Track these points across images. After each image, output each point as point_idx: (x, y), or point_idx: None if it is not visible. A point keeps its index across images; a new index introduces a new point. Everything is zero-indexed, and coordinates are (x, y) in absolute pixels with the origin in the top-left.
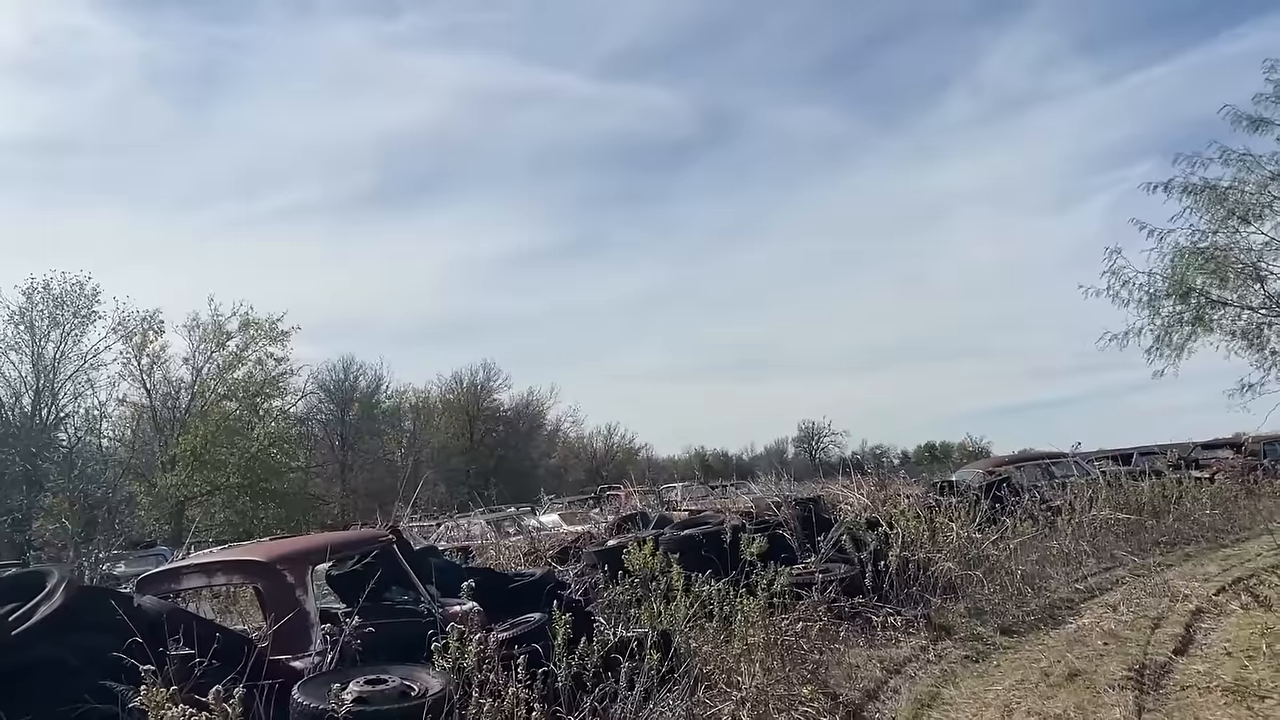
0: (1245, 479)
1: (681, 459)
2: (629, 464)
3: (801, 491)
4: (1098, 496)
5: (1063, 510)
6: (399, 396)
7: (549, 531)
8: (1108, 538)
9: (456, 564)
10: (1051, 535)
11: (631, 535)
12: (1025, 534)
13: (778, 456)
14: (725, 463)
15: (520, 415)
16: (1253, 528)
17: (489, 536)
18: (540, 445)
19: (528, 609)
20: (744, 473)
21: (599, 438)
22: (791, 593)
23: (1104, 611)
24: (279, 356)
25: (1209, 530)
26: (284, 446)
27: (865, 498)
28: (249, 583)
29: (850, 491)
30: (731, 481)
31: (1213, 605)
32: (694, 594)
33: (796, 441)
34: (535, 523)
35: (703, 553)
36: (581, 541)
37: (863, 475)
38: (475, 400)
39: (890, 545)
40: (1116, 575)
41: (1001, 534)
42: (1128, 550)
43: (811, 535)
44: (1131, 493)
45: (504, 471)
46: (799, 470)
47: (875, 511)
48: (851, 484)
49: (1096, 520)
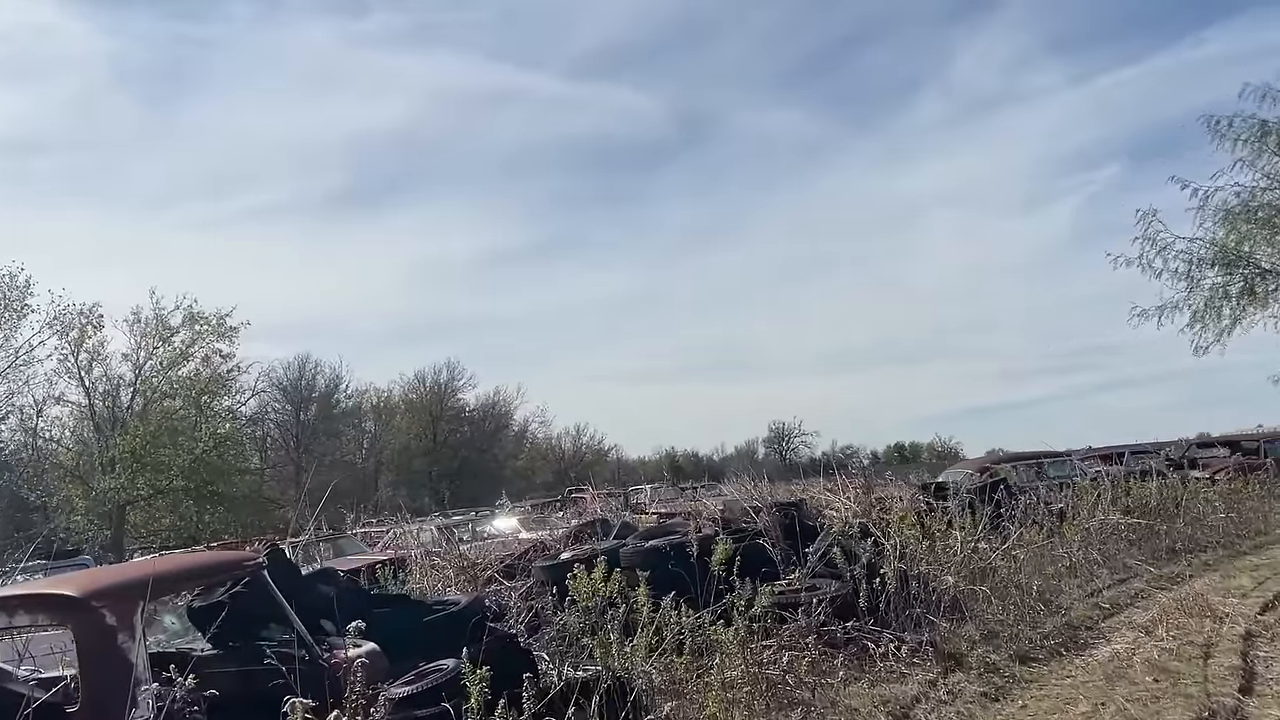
0: (1249, 479)
1: (652, 460)
2: (598, 465)
3: (780, 494)
4: (1103, 499)
5: (1067, 514)
6: (359, 397)
7: (505, 538)
8: (1118, 545)
9: (367, 591)
10: (1057, 543)
11: (588, 547)
12: (1034, 543)
13: (748, 457)
14: (696, 464)
15: (486, 416)
16: (1269, 532)
17: (440, 544)
18: (506, 446)
19: (446, 649)
20: (715, 474)
21: (567, 439)
22: (774, 615)
23: (1138, 636)
24: (226, 353)
25: (1223, 535)
26: (233, 448)
27: (853, 502)
28: (57, 624)
29: (835, 495)
30: (702, 483)
31: (1262, 628)
32: (659, 623)
33: (767, 442)
34: (491, 529)
35: (670, 567)
36: (532, 553)
37: (848, 476)
38: (439, 400)
39: (886, 558)
40: (1134, 588)
41: (1007, 543)
42: (1141, 559)
43: (796, 546)
44: (1138, 495)
45: (468, 473)
46: (769, 471)
47: (866, 518)
48: (836, 486)
49: (1106, 526)
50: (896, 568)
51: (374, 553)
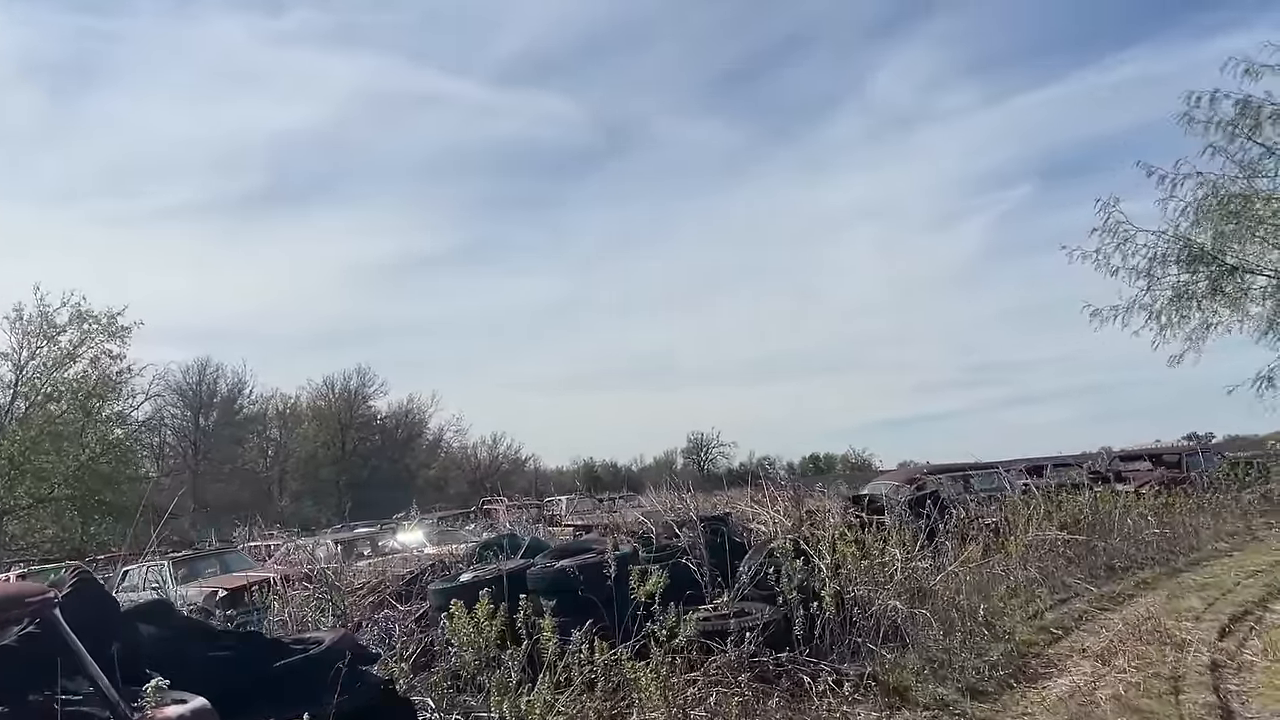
0: (1174, 492)
1: (570, 470)
2: (515, 475)
3: (703, 506)
4: (1037, 513)
5: (1000, 529)
6: (264, 403)
7: (409, 554)
8: (1056, 562)
9: (208, 628)
10: (996, 561)
11: (492, 568)
12: (974, 561)
13: (667, 467)
14: (614, 474)
15: (399, 424)
16: (1201, 548)
17: (336, 560)
18: (419, 455)
19: (302, 701)
20: (633, 484)
21: (483, 448)
22: (700, 645)
23: (1095, 666)
24: (117, 354)
25: (1158, 552)
26: (123, 454)
27: (783, 516)
28: None
29: (763, 508)
30: (621, 494)
31: (1227, 657)
32: (568, 659)
33: (686, 452)
34: (395, 543)
35: (581, 592)
36: (430, 573)
37: (777, 487)
38: (349, 407)
39: (822, 579)
40: (1076, 609)
41: (948, 562)
42: (1079, 577)
43: (723, 565)
44: (1072, 509)
45: (378, 483)
46: (687, 481)
47: (797, 534)
48: (764, 498)
49: (1044, 542)
50: (834, 590)
51: (260, 570)
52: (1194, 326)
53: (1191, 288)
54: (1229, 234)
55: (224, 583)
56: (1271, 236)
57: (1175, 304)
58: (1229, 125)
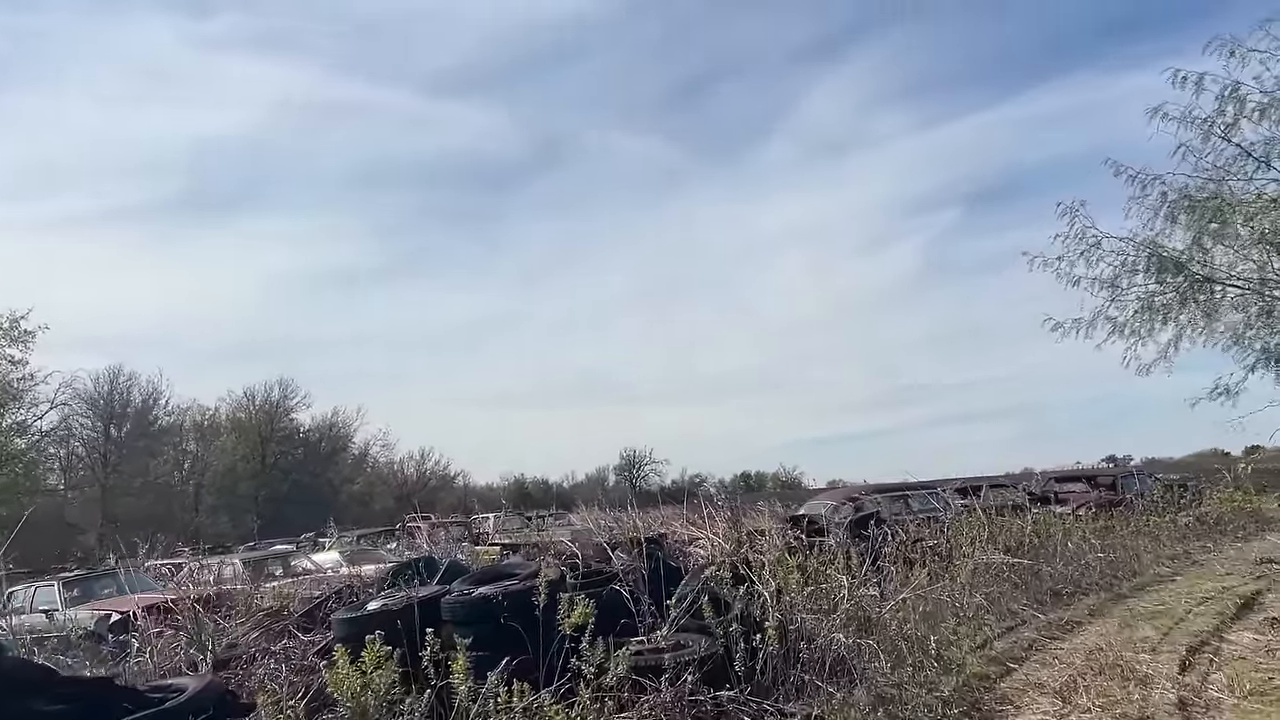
0: (1111, 515)
1: (501, 486)
2: (444, 491)
3: (636, 526)
4: (980, 536)
5: (943, 552)
6: (181, 414)
7: (323, 575)
8: (1002, 587)
9: (53, 674)
10: (941, 587)
11: (403, 595)
12: (922, 587)
13: (599, 484)
14: (546, 491)
15: (323, 437)
16: (1143, 572)
17: (242, 582)
18: (344, 470)
19: None
20: (565, 501)
21: (410, 463)
22: (632, 683)
23: (1055, 704)
24: (19, 359)
25: (1100, 576)
26: (25, 466)
27: (721, 538)
28: None
29: (700, 529)
30: (551, 511)
31: (1193, 694)
32: (483, 705)
33: (618, 469)
34: (307, 563)
35: (503, 622)
36: (336, 600)
37: (713, 505)
38: (269, 420)
39: (764, 607)
40: (1025, 638)
41: (894, 588)
42: (1025, 603)
43: (658, 592)
44: (1016, 531)
45: (298, 499)
46: (619, 499)
47: (736, 557)
48: (701, 518)
49: (989, 566)
50: (777, 620)
51: (159, 592)
52: (1168, 339)
53: (1160, 299)
54: (1201, 241)
55: (118, 605)
56: (1244, 246)
57: (1143, 315)
58: (1204, 122)
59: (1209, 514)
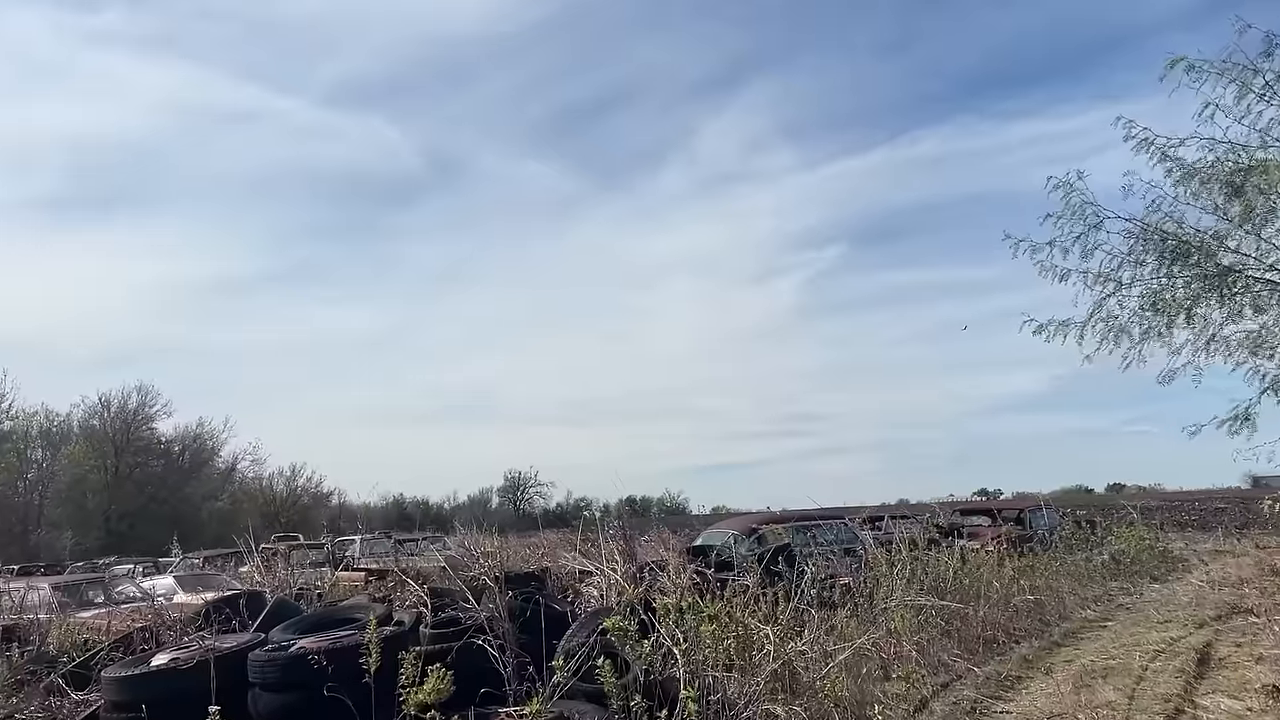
0: (1022, 551)
1: (378, 506)
2: (316, 510)
3: (516, 557)
4: (902, 574)
5: (860, 592)
6: (26, 419)
7: (154, 602)
8: (930, 633)
9: None
10: (864, 632)
11: (196, 649)
12: (850, 637)
13: (481, 506)
14: (425, 511)
15: (185, 449)
16: (1070, 616)
17: (50, 610)
18: (207, 485)
19: None
20: (445, 523)
21: (280, 479)
22: None
23: None
24: None
25: (1028, 620)
26: None
27: (619, 574)
28: None
29: (591, 561)
30: (426, 534)
31: None
32: None
33: (502, 491)
34: (136, 588)
35: (327, 691)
36: (128, 645)
37: (607, 535)
38: (125, 428)
39: (672, 666)
40: (964, 698)
41: (823, 638)
42: (957, 653)
43: (537, 645)
44: (939, 570)
45: (153, 515)
46: (502, 522)
47: (636, 599)
48: (592, 549)
49: (919, 610)
50: (695, 683)
51: None
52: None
53: (1173, 293)
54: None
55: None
56: None
57: (1154, 312)
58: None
59: (1123, 553)
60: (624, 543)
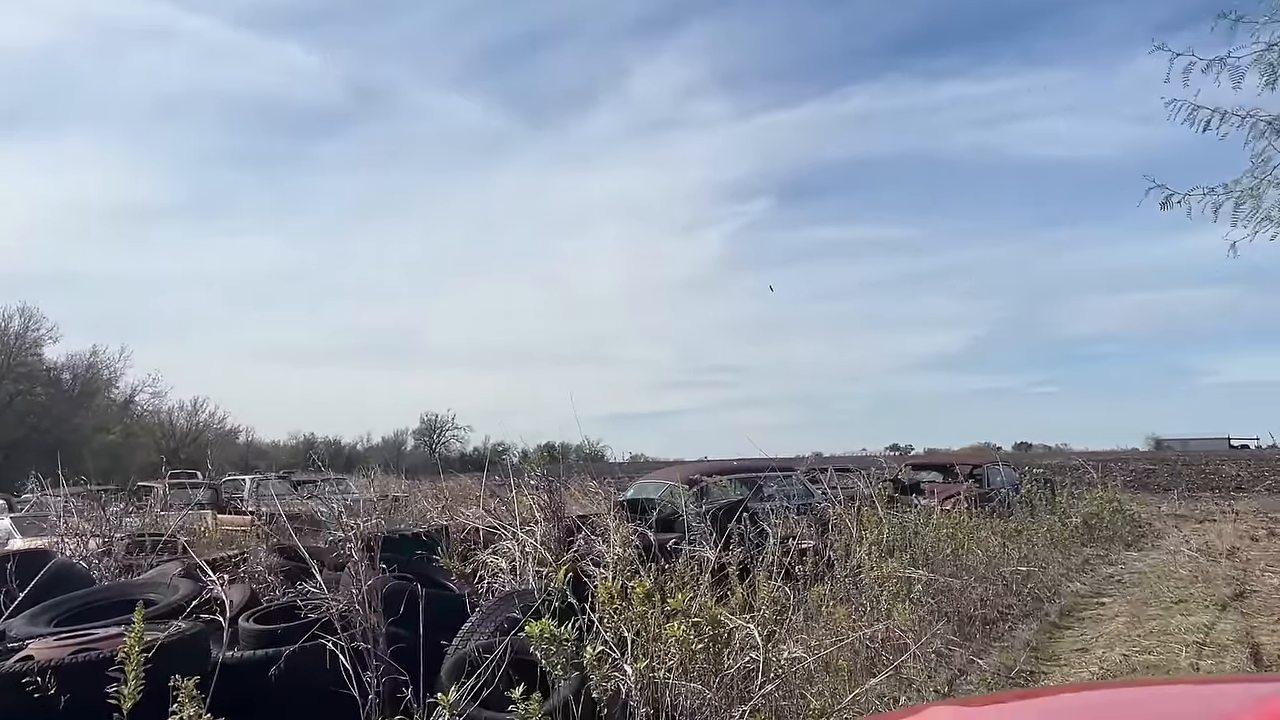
0: (986, 513)
1: (288, 445)
2: (223, 447)
3: (419, 506)
4: (877, 540)
5: (827, 560)
6: None
7: None
8: (918, 612)
9: None
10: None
11: None
12: (839, 625)
13: (395, 449)
14: (337, 452)
15: (76, 377)
16: (1059, 590)
17: None
18: (99, 417)
19: None
20: (354, 464)
21: (181, 413)
22: None
23: None
24: None
25: (1017, 595)
26: None
27: (538, 540)
28: None
29: (506, 521)
30: (326, 476)
31: None
32: None
33: (417, 434)
34: None
35: None
36: None
37: (530, 484)
38: (6, 354)
39: (619, 675)
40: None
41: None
42: (953, 638)
43: (418, 648)
44: (917, 535)
45: (35, 445)
46: (417, 465)
47: (561, 572)
48: (505, 504)
49: (905, 585)
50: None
51: None
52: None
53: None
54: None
55: None
56: None
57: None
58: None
59: (1096, 516)
60: (548, 495)
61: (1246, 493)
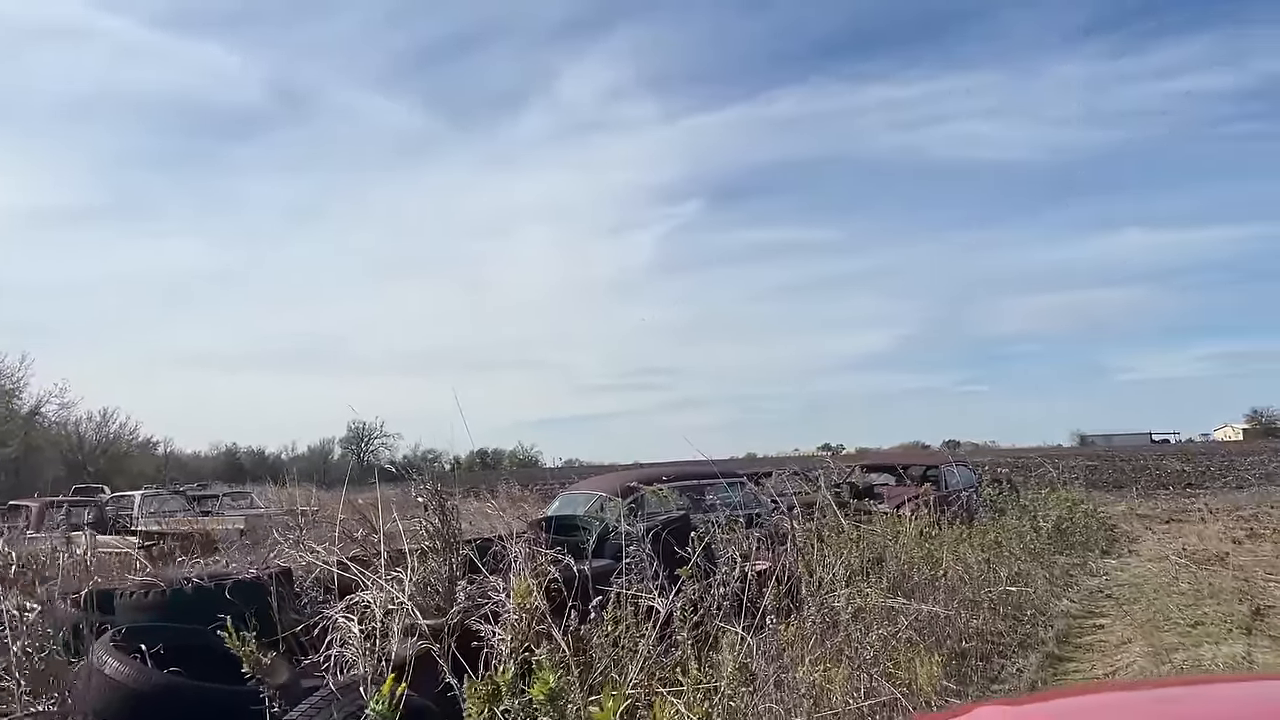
0: (948, 518)
1: (210, 456)
2: (138, 460)
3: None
4: (846, 560)
5: (790, 586)
6: None
7: None
8: (897, 651)
9: None
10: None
11: None
12: (836, 687)
13: (322, 458)
14: (261, 462)
15: None
16: (1047, 609)
17: None
18: None
19: None
20: (278, 475)
21: (89, 425)
22: None
23: None
24: None
25: (1004, 620)
26: None
27: (409, 589)
28: None
29: (365, 564)
30: (229, 489)
31: None
32: None
33: (344, 442)
34: None
35: None
36: None
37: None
38: None
39: None
40: None
41: None
42: (946, 683)
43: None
44: (903, 556)
45: None
46: (343, 475)
47: (444, 634)
48: (365, 537)
49: (884, 615)
50: None
51: None
52: None
53: None
54: None
55: None
56: None
57: None
58: None
59: (1066, 520)
60: (438, 517)
61: (1201, 489)
